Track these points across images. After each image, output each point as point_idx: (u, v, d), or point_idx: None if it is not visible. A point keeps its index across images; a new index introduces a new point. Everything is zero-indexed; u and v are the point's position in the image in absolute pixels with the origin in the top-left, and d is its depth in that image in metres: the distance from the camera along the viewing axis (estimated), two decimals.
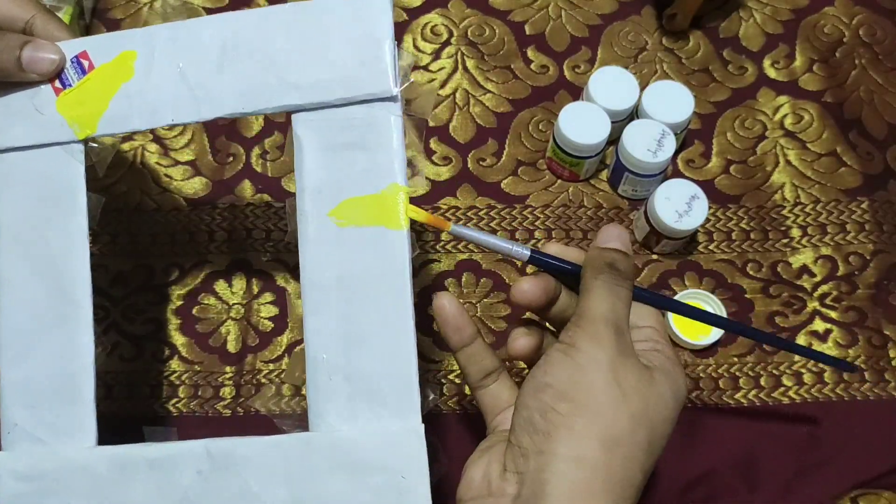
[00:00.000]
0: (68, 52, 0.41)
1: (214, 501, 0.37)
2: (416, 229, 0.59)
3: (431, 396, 0.38)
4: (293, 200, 0.39)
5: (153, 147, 0.61)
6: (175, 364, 0.54)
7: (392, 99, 0.38)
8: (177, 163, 0.61)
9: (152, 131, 0.62)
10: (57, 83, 0.41)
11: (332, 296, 0.37)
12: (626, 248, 0.37)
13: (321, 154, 0.38)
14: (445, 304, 0.38)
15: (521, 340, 0.38)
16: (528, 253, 0.37)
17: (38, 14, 0.41)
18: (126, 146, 0.61)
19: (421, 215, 0.37)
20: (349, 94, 0.38)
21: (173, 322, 0.56)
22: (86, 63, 0.41)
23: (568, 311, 0.38)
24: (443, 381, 0.54)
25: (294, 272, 0.57)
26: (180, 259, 0.57)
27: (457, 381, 0.54)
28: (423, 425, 0.36)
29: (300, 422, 0.39)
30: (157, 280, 0.57)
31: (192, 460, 0.38)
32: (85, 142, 0.41)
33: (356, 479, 0.36)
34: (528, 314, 0.40)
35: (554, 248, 0.38)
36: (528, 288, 0.36)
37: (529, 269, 0.58)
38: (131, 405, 0.53)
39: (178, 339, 0.55)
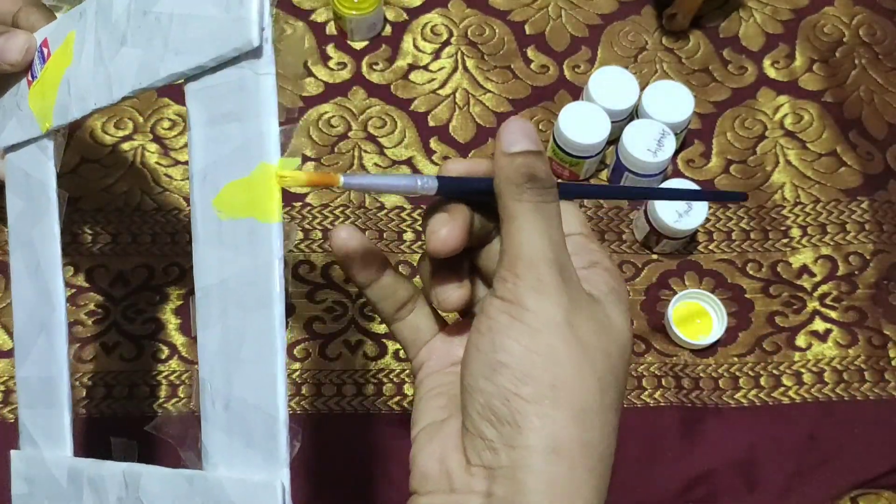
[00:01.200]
0: (40, 41, 0.38)
1: None
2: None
3: (297, 448, 0.31)
4: None
5: (153, 147, 0.61)
6: (175, 364, 0.54)
7: (255, 54, 0.29)
8: (177, 163, 0.61)
9: (152, 130, 0.62)
10: (30, 76, 0.38)
11: (216, 305, 0.31)
12: (538, 145, 0.29)
13: (205, 130, 0.31)
14: (346, 236, 0.31)
15: (456, 294, 0.31)
16: (436, 183, 0.29)
17: (23, 6, 0.40)
18: (126, 146, 0.61)
19: (300, 178, 0.28)
20: (219, 53, 0.30)
21: (173, 322, 0.56)
22: (45, 51, 0.37)
23: (485, 234, 0.31)
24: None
25: (293, 271, 0.57)
26: (180, 259, 0.57)
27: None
28: (287, 476, 0.29)
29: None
30: (157, 280, 0.57)
31: (114, 485, 0.35)
32: (50, 135, 0.37)
33: None
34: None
35: (460, 167, 0.31)
36: (448, 234, 0.29)
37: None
38: (132, 405, 0.53)
39: (178, 339, 0.55)
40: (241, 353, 0.30)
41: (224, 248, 0.30)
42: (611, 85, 0.59)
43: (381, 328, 0.55)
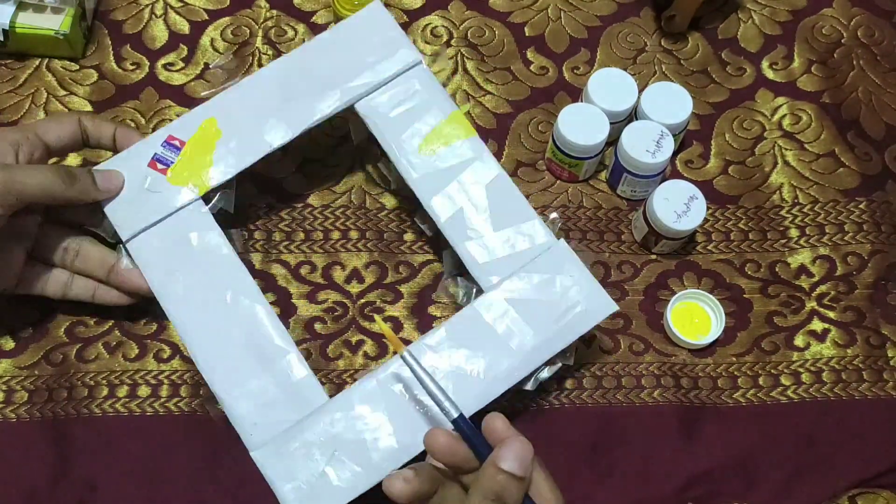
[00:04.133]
0: (154, 143, 0.52)
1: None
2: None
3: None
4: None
5: None
6: (177, 363, 0.54)
7: (419, 63, 0.54)
8: None
9: (153, 130, 0.62)
10: (158, 166, 0.51)
11: (454, 193, 0.52)
12: (522, 469, 0.35)
13: (388, 119, 0.53)
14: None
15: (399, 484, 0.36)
16: (454, 417, 0.38)
17: (117, 128, 0.52)
18: None
19: (387, 331, 0.43)
20: (388, 74, 0.54)
21: None
22: (176, 142, 0.52)
23: None
24: None
25: (294, 272, 0.57)
26: None
27: None
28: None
29: None
30: None
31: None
32: (204, 197, 0.51)
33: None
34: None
35: (499, 424, 0.37)
36: (433, 443, 0.37)
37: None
38: (133, 404, 0.53)
39: (180, 339, 0.55)
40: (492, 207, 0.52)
41: (442, 169, 0.52)
42: (610, 86, 0.60)
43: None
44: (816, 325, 0.57)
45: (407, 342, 0.55)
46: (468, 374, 0.47)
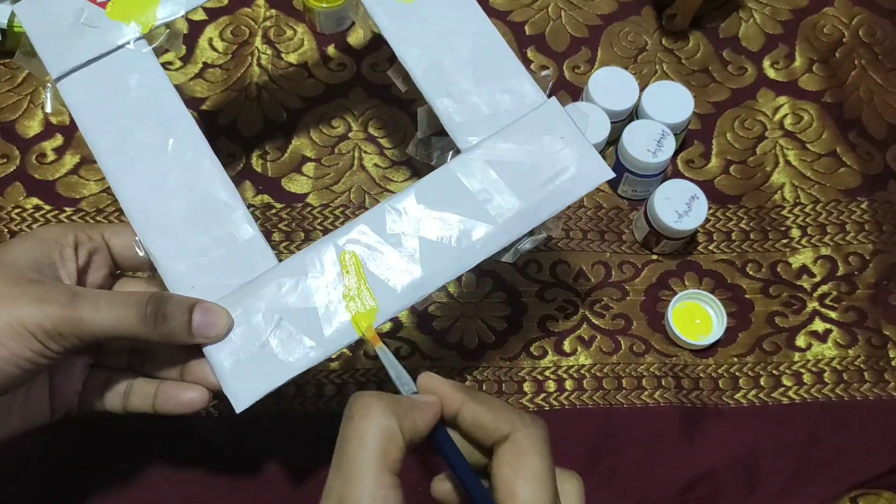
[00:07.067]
0: None
1: None
2: None
3: None
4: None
5: None
6: None
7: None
8: None
9: None
10: None
11: (434, 43, 0.46)
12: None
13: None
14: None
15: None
16: (413, 388, 0.36)
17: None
18: None
19: (369, 332, 0.40)
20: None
21: None
22: None
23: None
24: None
25: None
26: None
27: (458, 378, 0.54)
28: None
29: None
30: None
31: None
32: (147, 36, 0.45)
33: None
34: None
35: (433, 382, 0.34)
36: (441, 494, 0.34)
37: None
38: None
39: None
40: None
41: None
42: (610, 85, 0.60)
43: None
44: (818, 326, 0.57)
45: (407, 341, 0.55)
46: (439, 241, 0.41)
